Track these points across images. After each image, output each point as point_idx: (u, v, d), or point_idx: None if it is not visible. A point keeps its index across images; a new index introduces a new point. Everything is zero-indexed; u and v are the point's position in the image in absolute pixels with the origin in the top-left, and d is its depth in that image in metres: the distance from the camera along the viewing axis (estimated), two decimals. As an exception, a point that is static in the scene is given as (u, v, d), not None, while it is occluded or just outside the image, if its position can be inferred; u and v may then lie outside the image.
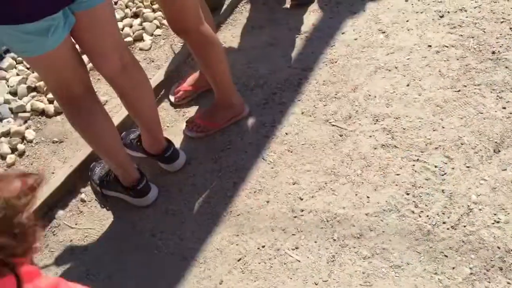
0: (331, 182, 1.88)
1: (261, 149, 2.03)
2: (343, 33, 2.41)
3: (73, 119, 1.67)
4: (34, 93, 2.37)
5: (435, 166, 1.83)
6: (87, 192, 2.02)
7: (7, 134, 2.21)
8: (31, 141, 2.20)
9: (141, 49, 2.51)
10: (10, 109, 2.29)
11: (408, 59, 2.21)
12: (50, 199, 1.97)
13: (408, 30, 2.34)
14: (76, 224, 1.94)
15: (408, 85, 2.11)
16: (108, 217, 1.94)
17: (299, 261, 1.69)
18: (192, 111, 2.22)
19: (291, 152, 2.00)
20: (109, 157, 1.78)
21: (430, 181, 1.79)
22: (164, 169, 2.01)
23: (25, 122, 2.27)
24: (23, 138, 2.20)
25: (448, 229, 1.66)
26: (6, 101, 2.32)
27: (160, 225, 1.88)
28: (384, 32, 2.36)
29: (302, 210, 1.82)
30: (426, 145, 1.90)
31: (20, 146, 2.17)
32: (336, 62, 2.28)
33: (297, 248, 1.73)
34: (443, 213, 1.70)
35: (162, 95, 2.31)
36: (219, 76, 2.00)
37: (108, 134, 1.72)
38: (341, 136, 2.01)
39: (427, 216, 1.70)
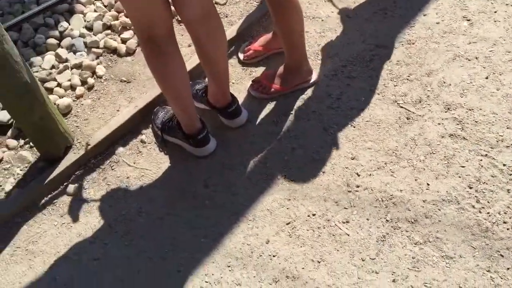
0: (391, 163, 1.84)
1: (324, 120, 2.01)
2: (425, 15, 2.32)
3: (150, 58, 1.69)
4: (108, 31, 2.42)
5: (504, 165, 1.76)
6: (147, 134, 2.07)
7: (79, 66, 2.28)
8: (100, 77, 2.26)
9: (216, 3, 2.51)
10: (85, 43, 2.35)
11: (490, 51, 2.12)
12: (113, 135, 2.03)
13: (495, 21, 2.23)
14: (134, 163, 2.00)
15: (487, 78, 2.02)
16: (165, 161, 1.99)
17: (348, 235, 1.69)
18: (259, 71, 2.21)
19: (354, 127, 1.97)
20: (176, 101, 1.81)
21: (496, 179, 1.73)
22: (225, 124, 2.04)
23: (97, 57, 2.32)
24: (93, 73, 2.26)
25: (508, 229, 1.61)
26: (82, 35, 2.37)
27: (215, 178, 1.91)
28: (469, 20, 2.26)
29: (358, 186, 1.80)
30: (497, 141, 1.83)
31: (90, 80, 2.23)
32: (413, 44, 2.21)
33: (347, 222, 1.72)
34: (505, 213, 1.65)
35: (232, 52, 2.31)
36: (293, 38, 1.97)
37: (180, 78, 1.73)
38: (408, 119, 1.96)
39: (488, 213, 1.65)
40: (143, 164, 1.99)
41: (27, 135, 1.93)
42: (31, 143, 2.07)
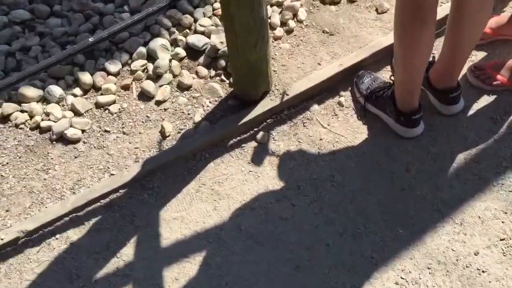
0: None
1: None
2: None
3: (407, 22, 1.49)
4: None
5: None
6: (346, 97, 1.91)
7: (279, 4, 2.12)
8: (301, 22, 2.09)
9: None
10: (288, -20, 2.19)
11: None
12: (311, 90, 1.88)
13: None
14: (328, 125, 1.86)
15: None
16: (362, 132, 1.84)
17: None
18: (479, 55, 1.97)
19: None
20: (411, 74, 1.62)
21: None
22: (436, 109, 1.84)
23: (299, -1, 2.16)
24: (294, 15, 2.10)
25: None
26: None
27: (417, 163, 1.74)
28: None
29: None
30: None
31: (291, 23, 2.07)
32: None
33: None
34: None
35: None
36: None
37: (428, 49, 1.54)
38: None
39: None
40: (338, 128, 1.85)
41: (233, 71, 1.82)
42: (222, 76, 1.97)
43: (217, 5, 2.14)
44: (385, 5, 2.08)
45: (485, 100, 1.85)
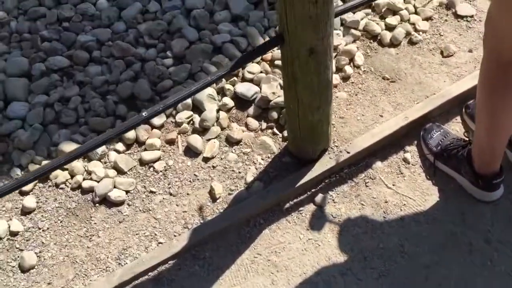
0: None
1: None
2: None
3: (498, 87, 1.32)
4: (368, 10, 2.07)
5: None
6: (412, 153, 1.74)
7: (334, 49, 1.97)
8: (358, 67, 1.93)
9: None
10: (342, 20, 2.03)
11: None
12: (374, 145, 1.73)
13: None
14: (393, 185, 1.69)
15: None
16: (433, 193, 1.66)
17: None
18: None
19: None
20: (495, 139, 1.45)
21: None
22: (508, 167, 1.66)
23: (354, 41, 1.99)
24: (351, 60, 1.95)
25: None
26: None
27: (499, 233, 1.55)
28: None
29: None
30: None
31: (347, 69, 1.90)
32: None
33: None
34: None
35: None
36: None
37: None
38: None
39: None
40: (405, 189, 1.68)
41: (290, 131, 1.66)
42: (275, 129, 1.82)
43: (266, 48, 2.00)
44: (451, 48, 1.91)
45: None
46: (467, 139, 1.65)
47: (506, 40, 1.24)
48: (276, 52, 1.97)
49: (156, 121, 1.87)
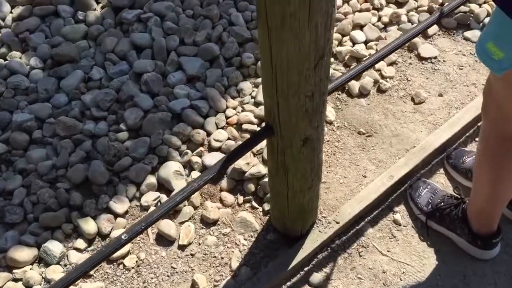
0: None
1: None
2: None
3: (499, 158, 1.25)
4: (331, 59, 1.97)
5: None
6: (402, 213, 1.65)
7: (302, 104, 1.85)
8: (331, 123, 1.82)
9: None
10: (307, 73, 1.91)
11: None
12: (362, 212, 1.62)
13: None
14: (388, 251, 1.59)
15: None
16: (430, 256, 1.58)
17: None
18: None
19: None
20: (495, 205, 1.38)
21: None
22: (509, 219, 1.60)
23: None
24: (322, 116, 1.84)
25: None
26: (301, 61, 1.93)
27: (503, 292, 1.51)
28: None
29: None
30: None
31: (321, 126, 1.81)
32: None
33: None
34: None
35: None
36: None
37: None
38: None
39: None
40: (400, 254, 1.59)
41: (276, 211, 1.51)
42: (253, 203, 1.67)
43: (230, 111, 1.84)
44: (422, 94, 1.85)
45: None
46: (458, 196, 1.58)
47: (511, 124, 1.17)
48: (242, 114, 1.82)
49: (119, 207, 1.66)
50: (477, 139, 1.78)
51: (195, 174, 1.71)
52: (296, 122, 1.08)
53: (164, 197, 1.68)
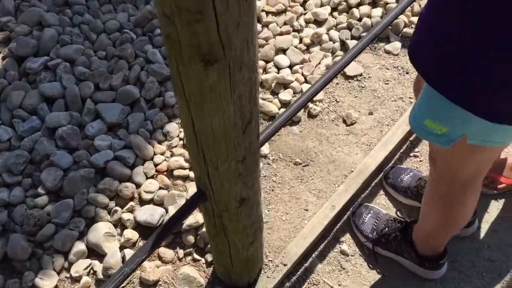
0: None
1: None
2: None
3: (463, 198, 1.23)
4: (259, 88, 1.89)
5: None
6: (348, 242, 1.61)
7: (233, 140, 1.76)
8: (265, 157, 1.75)
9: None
10: (234, 106, 1.83)
11: None
12: (309, 247, 1.56)
13: None
14: (339, 285, 1.54)
15: None
16: (381, 283, 1.53)
17: None
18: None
19: None
20: (448, 233, 1.37)
21: None
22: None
23: (253, 127, 1.81)
24: (256, 151, 1.76)
25: None
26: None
27: (456, 311, 1.50)
28: None
29: None
30: None
31: (256, 162, 1.73)
32: None
33: None
34: None
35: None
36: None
37: (472, 210, 1.30)
38: None
39: None
40: (352, 286, 1.54)
41: (220, 265, 1.41)
42: (194, 255, 1.56)
43: (159, 158, 1.72)
44: (352, 115, 1.82)
45: (495, 207, 1.67)
46: (402, 219, 1.56)
47: (461, 175, 1.15)
48: (172, 160, 1.71)
49: (47, 284, 1.49)
50: (411, 154, 1.79)
51: (129, 232, 1.58)
52: (229, 187, 1.00)
53: (96, 263, 1.54)
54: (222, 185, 0.99)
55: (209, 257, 1.55)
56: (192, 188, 1.64)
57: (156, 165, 1.70)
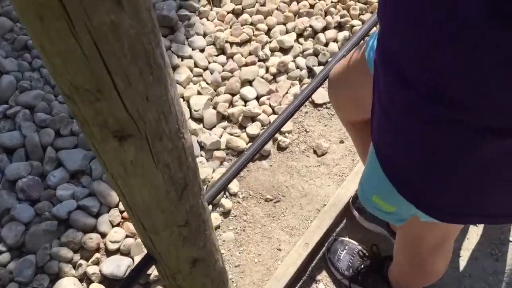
0: None
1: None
2: None
3: (428, 259, 1.17)
4: (225, 123, 1.84)
5: None
6: (324, 280, 1.54)
7: (203, 181, 1.70)
8: (235, 195, 1.69)
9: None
10: (201, 143, 1.77)
11: None
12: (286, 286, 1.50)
13: None
14: (319, 328, 1.49)
15: None
16: (362, 323, 1.49)
17: None
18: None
19: None
20: (427, 283, 1.31)
21: None
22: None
23: (221, 164, 1.75)
24: (224, 190, 1.70)
25: None
26: (193, 132, 1.79)
27: None
28: None
29: None
30: None
31: (225, 202, 1.66)
32: None
33: None
34: None
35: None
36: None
37: (445, 268, 1.23)
38: None
39: None
40: (333, 328, 1.49)
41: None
42: (165, 306, 1.50)
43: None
44: (323, 145, 1.76)
45: (474, 232, 1.62)
46: (376, 256, 1.51)
47: (425, 243, 1.09)
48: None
49: None
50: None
51: (95, 286, 1.51)
52: (176, 251, 0.94)
53: (62, 323, 1.47)
54: (168, 250, 0.93)
55: (180, 307, 1.49)
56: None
57: (121, 212, 1.64)
